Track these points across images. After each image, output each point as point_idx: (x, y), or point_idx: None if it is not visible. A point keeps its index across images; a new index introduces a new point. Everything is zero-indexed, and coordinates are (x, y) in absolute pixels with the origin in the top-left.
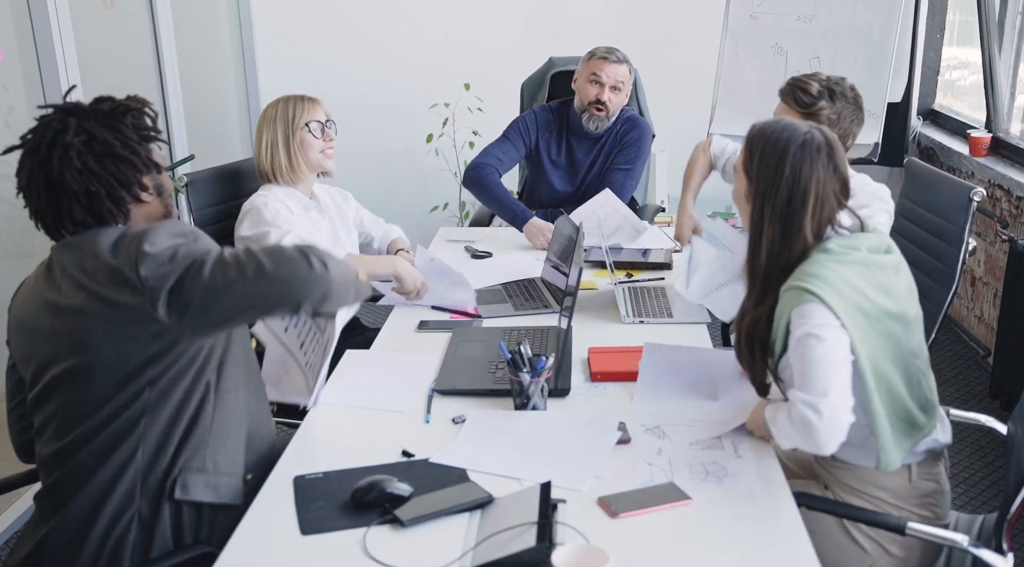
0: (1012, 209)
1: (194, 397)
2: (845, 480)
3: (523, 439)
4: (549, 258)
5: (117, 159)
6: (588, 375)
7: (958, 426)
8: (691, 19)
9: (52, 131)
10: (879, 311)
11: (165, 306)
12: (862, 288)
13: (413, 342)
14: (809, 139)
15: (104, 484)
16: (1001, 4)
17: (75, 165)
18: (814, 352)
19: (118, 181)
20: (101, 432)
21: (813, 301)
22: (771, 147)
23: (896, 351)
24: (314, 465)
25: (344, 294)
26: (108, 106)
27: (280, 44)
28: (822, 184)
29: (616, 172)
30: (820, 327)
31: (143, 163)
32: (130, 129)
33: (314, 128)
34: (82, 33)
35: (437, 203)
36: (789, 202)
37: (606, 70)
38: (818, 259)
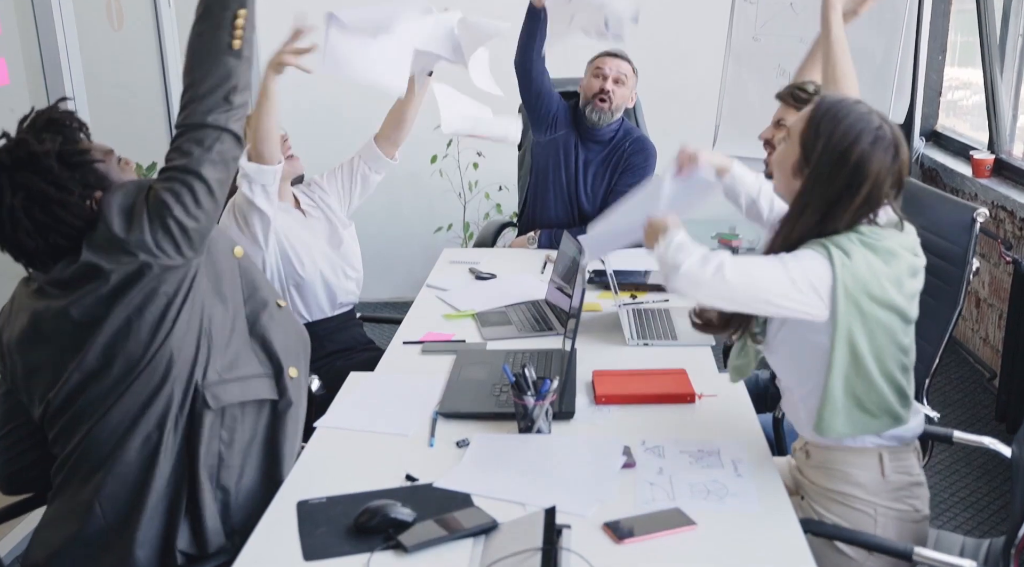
0: (1016, 230)
1: (203, 316)
2: (822, 483)
3: (527, 463)
4: (553, 279)
5: (59, 205)
6: (592, 398)
7: (964, 449)
8: (694, 41)
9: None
10: (885, 300)
11: (158, 245)
12: (878, 273)
13: (417, 364)
14: (881, 135)
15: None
16: (1002, 26)
17: (25, 226)
18: (770, 261)
19: (70, 219)
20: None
21: (821, 255)
22: (841, 135)
23: (885, 341)
24: (318, 490)
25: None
26: (32, 148)
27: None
28: (881, 180)
29: (621, 194)
30: (804, 260)
31: (82, 194)
32: (56, 166)
33: None
34: (89, 54)
35: (441, 224)
36: (842, 192)
37: (608, 63)
38: (849, 236)
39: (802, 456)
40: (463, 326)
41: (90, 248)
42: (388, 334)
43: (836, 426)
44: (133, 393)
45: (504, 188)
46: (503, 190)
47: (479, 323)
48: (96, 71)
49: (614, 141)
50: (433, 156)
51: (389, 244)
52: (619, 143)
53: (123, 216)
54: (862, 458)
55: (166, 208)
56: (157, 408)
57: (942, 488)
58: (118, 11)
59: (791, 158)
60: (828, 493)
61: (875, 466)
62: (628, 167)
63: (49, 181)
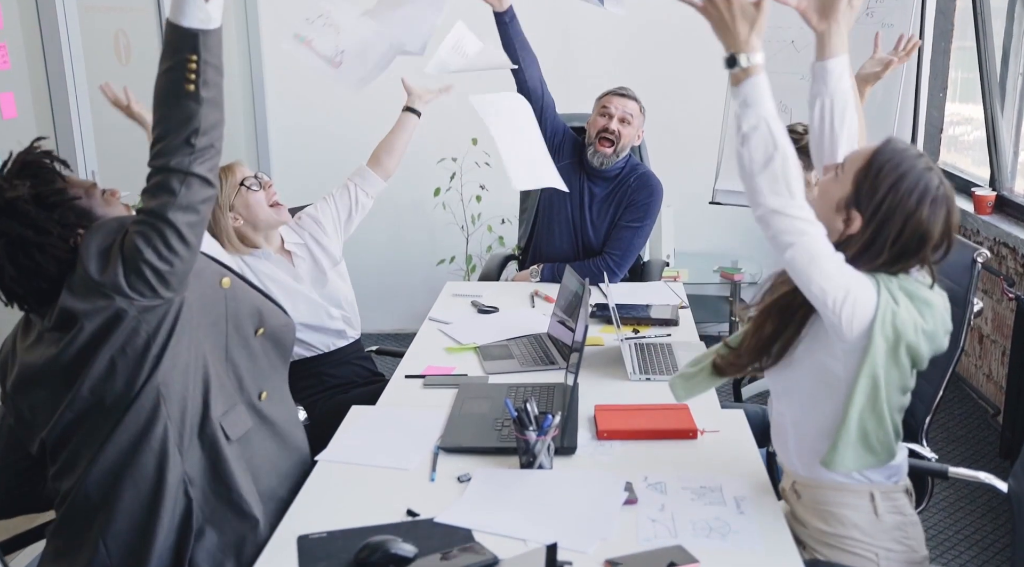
0: (1018, 267)
1: (194, 351)
2: (818, 526)
3: (529, 499)
4: (556, 313)
5: (39, 248)
6: (595, 433)
7: (967, 487)
8: (697, 77)
9: None
10: (916, 351)
11: (132, 288)
12: (917, 326)
13: (419, 398)
14: (939, 196)
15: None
16: (1002, 63)
17: (10, 273)
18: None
19: (51, 261)
20: (126, 427)
21: (872, 287)
22: (906, 192)
23: (899, 381)
24: (319, 524)
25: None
26: (1, 201)
27: (290, 100)
28: (936, 242)
29: (624, 230)
30: (857, 277)
31: (62, 234)
32: (32, 209)
33: (251, 183)
34: (97, 87)
35: (444, 256)
36: (895, 246)
37: (615, 102)
38: (893, 280)
39: (793, 497)
40: (465, 359)
41: (69, 290)
42: (390, 367)
43: (846, 461)
44: (124, 430)
45: (507, 221)
46: (506, 223)
47: (481, 357)
48: (103, 104)
49: (619, 177)
50: (436, 188)
51: (391, 276)
52: (624, 178)
53: (99, 258)
54: (854, 498)
55: (138, 252)
56: (152, 446)
57: (946, 526)
58: (126, 45)
59: (839, 193)
60: (827, 538)
61: (867, 506)
62: (631, 203)
63: (27, 224)
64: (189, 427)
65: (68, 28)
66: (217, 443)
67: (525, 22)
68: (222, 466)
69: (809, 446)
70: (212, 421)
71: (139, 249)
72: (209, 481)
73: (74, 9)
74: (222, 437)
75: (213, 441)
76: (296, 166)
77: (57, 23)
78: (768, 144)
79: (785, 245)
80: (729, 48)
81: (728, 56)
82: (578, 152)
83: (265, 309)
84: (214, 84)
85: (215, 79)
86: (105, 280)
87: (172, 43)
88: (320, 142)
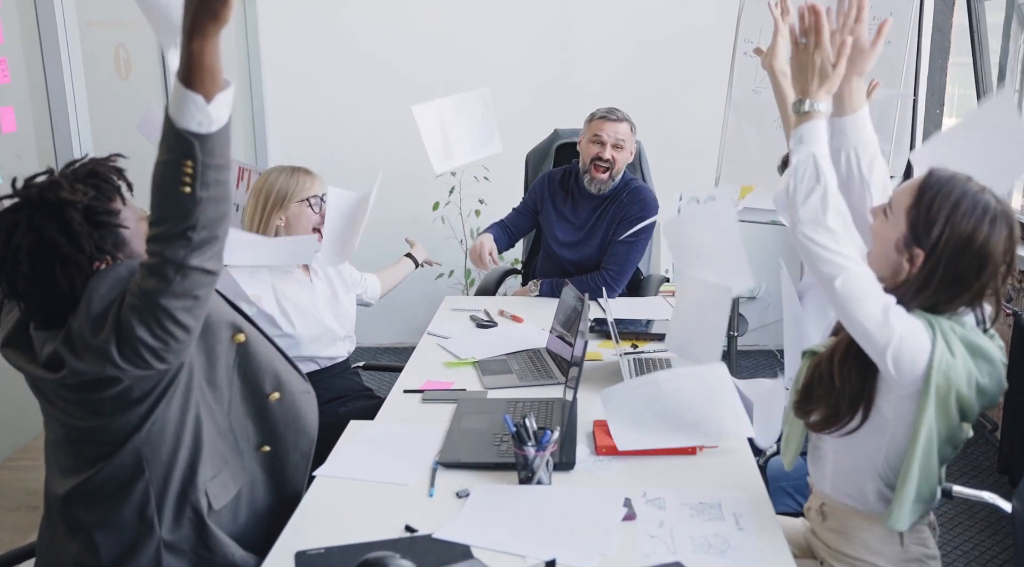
0: (1016, 283)
1: (187, 415)
2: (839, 548)
3: (528, 514)
4: (554, 328)
5: (64, 261)
6: (593, 448)
7: (967, 502)
8: (695, 93)
9: (4, 231)
10: (964, 397)
11: (125, 359)
12: (971, 372)
13: (418, 413)
14: (997, 214)
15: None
16: (999, 80)
17: (23, 270)
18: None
19: (66, 278)
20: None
21: (927, 335)
22: (962, 217)
23: (948, 432)
24: (316, 540)
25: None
26: (54, 195)
27: (290, 113)
28: (1002, 262)
29: (620, 244)
30: (907, 325)
31: (92, 255)
32: (79, 220)
33: (315, 203)
34: (97, 102)
35: (442, 271)
36: (967, 275)
37: (606, 129)
38: (952, 326)
39: (817, 518)
40: (463, 374)
41: (67, 344)
42: (389, 381)
43: (906, 518)
44: (104, 477)
45: None
46: None
47: (480, 371)
48: (103, 119)
49: (612, 193)
50: (435, 203)
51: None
52: (617, 194)
53: (95, 321)
54: (881, 527)
55: (132, 328)
56: (132, 502)
57: (945, 542)
58: (126, 60)
59: (894, 234)
60: (846, 559)
61: (895, 538)
62: (625, 217)
63: (65, 232)
64: (173, 493)
65: (68, 42)
66: (200, 511)
67: (527, 37)
68: (205, 533)
69: (845, 477)
70: (197, 487)
71: (132, 326)
72: (192, 546)
73: (74, 23)
74: (205, 505)
75: (196, 508)
76: None
77: (57, 37)
78: (812, 177)
79: (828, 278)
80: (799, 93)
81: (796, 100)
82: (563, 184)
83: (283, 372)
84: (215, 182)
85: (217, 177)
86: (98, 346)
87: (168, 140)
88: (319, 150)
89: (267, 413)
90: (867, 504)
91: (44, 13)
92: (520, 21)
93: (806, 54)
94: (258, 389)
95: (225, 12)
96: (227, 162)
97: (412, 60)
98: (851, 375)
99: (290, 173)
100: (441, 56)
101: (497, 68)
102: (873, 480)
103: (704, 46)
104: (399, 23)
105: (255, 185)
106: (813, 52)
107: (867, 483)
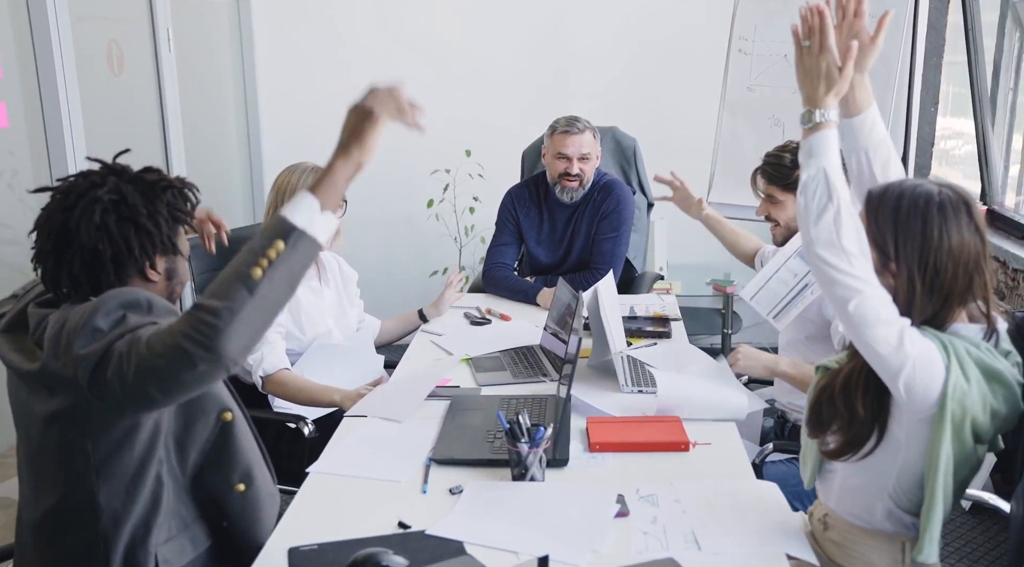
0: (1008, 281)
1: (145, 474)
2: (837, 559)
3: (521, 511)
4: (548, 326)
5: (137, 228)
6: (587, 445)
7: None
8: (690, 91)
9: (88, 182)
10: (978, 422)
11: (88, 384)
12: (986, 397)
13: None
14: (945, 199)
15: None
16: (993, 78)
17: (95, 220)
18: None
19: (128, 248)
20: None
21: (940, 360)
22: (909, 216)
23: (963, 456)
24: (309, 536)
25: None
26: (153, 177)
27: (284, 112)
28: (973, 247)
29: (604, 242)
30: (921, 351)
31: (162, 241)
32: (164, 205)
33: None
34: (89, 98)
35: (437, 268)
36: (944, 272)
37: (569, 145)
38: (968, 349)
39: (819, 526)
40: (457, 371)
41: (57, 332)
42: None
43: (934, 551)
44: (61, 516)
45: None
46: None
47: (473, 368)
48: (95, 115)
49: (584, 199)
50: (429, 200)
51: (384, 287)
52: (590, 193)
53: (92, 332)
54: (886, 545)
55: (105, 369)
56: (83, 550)
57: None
58: (119, 56)
59: (871, 261)
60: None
61: (897, 555)
62: (602, 214)
63: (146, 205)
64: (121, 547)
65: (60, 38)
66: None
67: (522, 39)
68: None
69: (853, 495)
70: (148, 549)
71: (108, 366)
72: None
73: (66, 19)
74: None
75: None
76: None
77: (49, 33)
78: (824, 195)
79: (841, 301)
80: (806, 103)
81: (805, 112)
82: (536, 196)
83: (256, 467)
84: (281, 282)
85: (286, 279)
86: (77, 358)
87: (270, 228)
88: (314, 149)
89: (228, 501)
90: (873, 522)
91: (36, 8)
92: (516, 21)
93: (811, 58)
94: (227, 475)
95: (371, 134)
96: (298, 278)
97: (407, 60)
98: (871, 402)
99: (310, 173)
100: (436, 56)
101: (493, 68)
102: (883, 500)
103: (698, 45)
104: (394, 22)
105: (278, 179)
106: (818, 55)
107: (876, 502)
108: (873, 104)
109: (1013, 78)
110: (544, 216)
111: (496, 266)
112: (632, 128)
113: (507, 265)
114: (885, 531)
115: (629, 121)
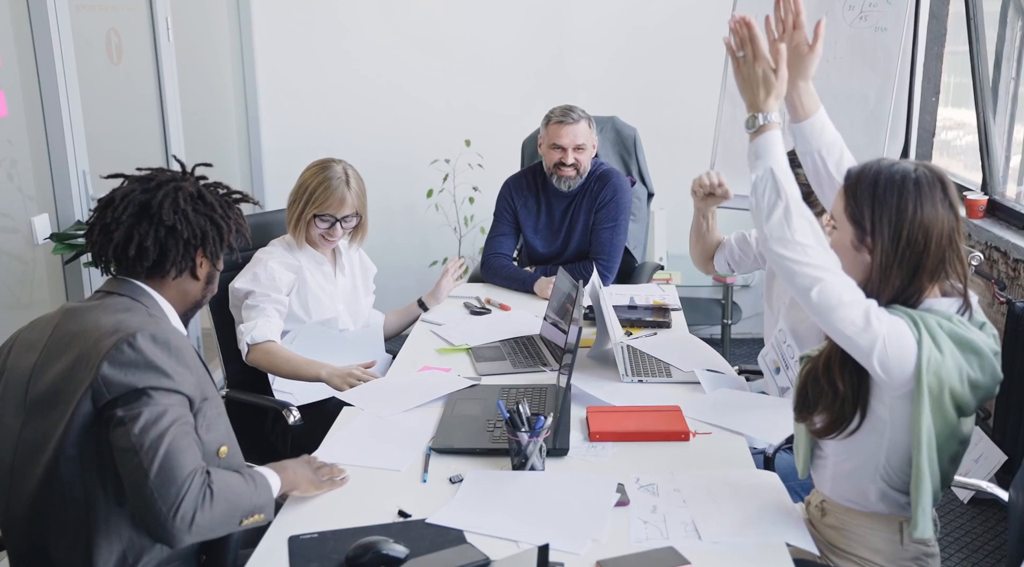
0: (1009, 271)
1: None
2: (837, 543)
3: (521, 500)
4: (548, 315)
5: (211, 222)
6: (587, 435)
7: (958, 489)
8: (691, 81)
9: (171, 174)
10: (957, 393)
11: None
12: (962, 368)
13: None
14: (921, 176)
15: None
16: (995, 68)
17: (179, 203)
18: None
19: (201, 236)
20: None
21: (911, 334)
22: (883, 193)
23: (948, 430)
24: (309, 525)
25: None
26: (224, 190)
27: (284, 102)
28: (948, 224)
29: (602, 232)
30: (890, 327)
31: (223, 240)
32: (235, 214)
33: (320, 224)
34: (88, 87)
35: (436, 258)
36: (916, 247)
37: (563, 135)
38: (940, 322)
39: (817, 513)
40: (457, 361)
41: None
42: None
43: (928, 526)
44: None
45: None
46: None
47: (473, 358)
48: (94, 105)
49: (581, 188)
50: (429, 190)
51: (384, 277)
52: (586, 183)
53: (126, 389)
54: (883, 525)
55: (113, 443)
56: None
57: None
58: (117, 45)
59: (846, 238)
60: (843, 555)
61: (895, 535)
62: (600, 204)
63: (221, 205)
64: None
65: (59, 26)
66: None
67: (520, 26)
68: None
69: (846, 479)
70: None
71: (120, 456)
72: None
73: (65, 7)
74: None
75: None
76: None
77: (48, 21)
78: (772, 193)
79: (804, 290)
80: (749, 109)
81: (749, 117)
82: (534, 185)
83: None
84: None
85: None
86: (96, 375)
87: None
88: (313, 139)
89: None
90: (868, 505)
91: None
92: (514, 9)
93: (747, 66)
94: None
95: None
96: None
97: (406, 48)
98: (850, 378)
99: (319, 182)
100: (434, 44)
101: (491, 56)
102: (875, 482)
103: (699, 32)
104: (392, 11)
105: (305, 173)
106: (753, 63)
107: (869, 485)
108: (820, 108)
109: (1015, 68)
110: (542, 206)
111: (494, 256)
112: (632, 117)
113: (505, 255)
114: (881, 513)
115: (630, 111)
